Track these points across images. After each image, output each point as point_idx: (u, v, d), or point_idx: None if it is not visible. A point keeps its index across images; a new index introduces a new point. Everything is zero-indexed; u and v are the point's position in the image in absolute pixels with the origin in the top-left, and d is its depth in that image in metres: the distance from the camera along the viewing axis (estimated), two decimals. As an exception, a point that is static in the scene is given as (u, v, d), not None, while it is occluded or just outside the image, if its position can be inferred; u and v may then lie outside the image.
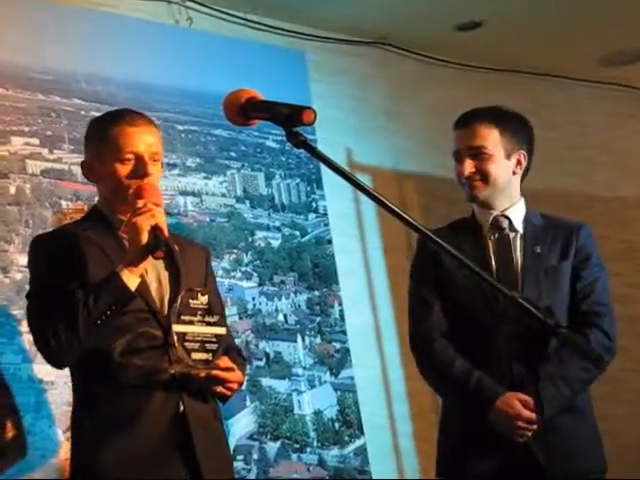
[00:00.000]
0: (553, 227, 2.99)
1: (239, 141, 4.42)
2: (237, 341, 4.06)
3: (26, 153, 3.59)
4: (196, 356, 2.38)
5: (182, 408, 2.45)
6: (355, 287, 4.67)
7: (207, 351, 2.40)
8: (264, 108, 1.87)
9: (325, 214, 4.63)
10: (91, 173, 2.61)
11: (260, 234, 4.33)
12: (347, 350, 4.46)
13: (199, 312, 2.42)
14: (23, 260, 3.32)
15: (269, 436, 4.05)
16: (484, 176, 2.89)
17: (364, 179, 4.29)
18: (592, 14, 4.82)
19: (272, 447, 4.05)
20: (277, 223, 4.43)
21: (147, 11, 4.13)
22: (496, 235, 2.94)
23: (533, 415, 2.66)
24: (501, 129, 2.91)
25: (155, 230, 2.35)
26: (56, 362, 2.48)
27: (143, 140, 2.52)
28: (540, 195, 5.27)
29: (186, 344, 2.38)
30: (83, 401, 2.52)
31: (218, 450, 2.56)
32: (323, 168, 4.48)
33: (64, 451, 3.25)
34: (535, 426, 2.67)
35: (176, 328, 2.38)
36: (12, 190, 3.51)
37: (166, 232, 2.39)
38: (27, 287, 2.61)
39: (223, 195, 4.27)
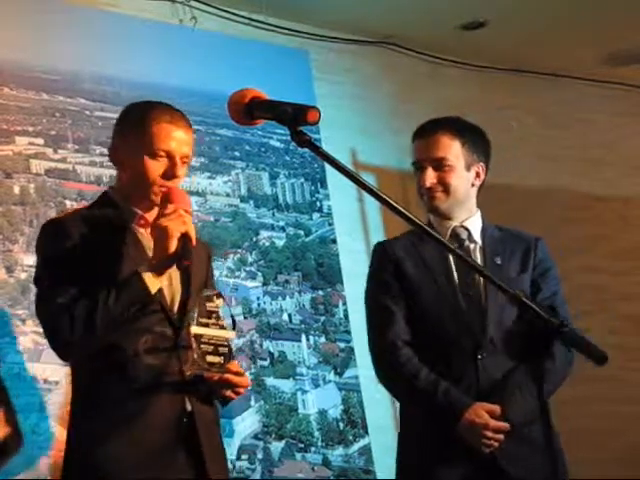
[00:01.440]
0: (510, 239, 2.96)
1: (243, 141, 4.42)
2: (242, 341, 4.09)
3: (30, 153, 3.59)
4: (210, 359, 2.38)
5: (190, 408, 2.44)
6: (359, 286, 4.61)
7: (220, 354, 2.40)
8: (268, 107, 1.87)
9: (329, 213, 4.63)
10: (116, 157, 2.55)
11: (264, 234, 4.33)
12: (351, 349, 4.45)
13: (214, 315, 2.41)
14: (27, 260, 3.32)
15: (273, 435, 4.05)
16: (445, 187, 2.86)
17: (368, 178, 4.27)
18: (597, 13, 4.82)
19: (276, 446, 4.05)
20: (281, 223, 4.43)
21: (152, 11, 4.13)
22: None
23: (500, 424, 2.66)
24: (462, 141, 2.88)
25: (185, 238, 2.33)
26: (64, 353, 2.43)
27: (178, 139, 2.47)
28: (544, 193, 5.31)
29: (202, 346, 2.37)
30: (85, 396, 2.48)
31: (217, 453, 2.56)
32: (327, 167, 4.47)
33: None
34: (502, 436, 2.67)
35: (195, 330, 2.37)
36: (16, 190, 3.51)
37: (194, 241, 2.36)
38: (32, 287, 2.60)
39: (227, 195, 4.27)
